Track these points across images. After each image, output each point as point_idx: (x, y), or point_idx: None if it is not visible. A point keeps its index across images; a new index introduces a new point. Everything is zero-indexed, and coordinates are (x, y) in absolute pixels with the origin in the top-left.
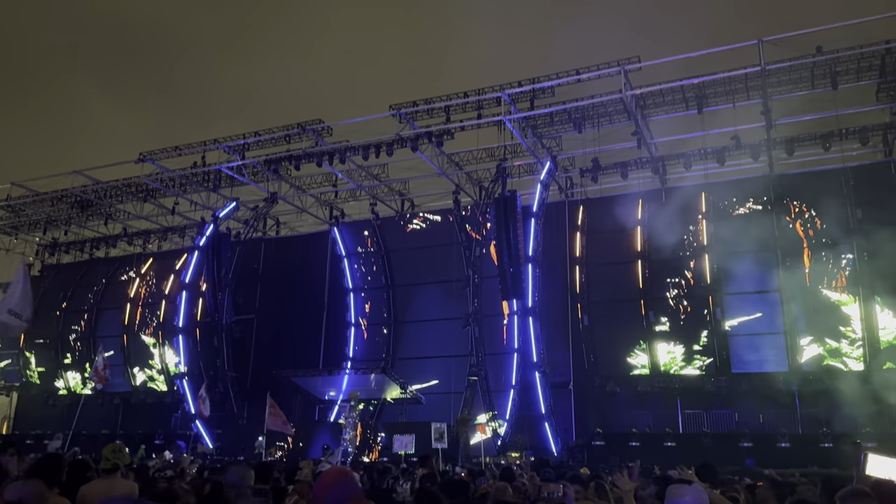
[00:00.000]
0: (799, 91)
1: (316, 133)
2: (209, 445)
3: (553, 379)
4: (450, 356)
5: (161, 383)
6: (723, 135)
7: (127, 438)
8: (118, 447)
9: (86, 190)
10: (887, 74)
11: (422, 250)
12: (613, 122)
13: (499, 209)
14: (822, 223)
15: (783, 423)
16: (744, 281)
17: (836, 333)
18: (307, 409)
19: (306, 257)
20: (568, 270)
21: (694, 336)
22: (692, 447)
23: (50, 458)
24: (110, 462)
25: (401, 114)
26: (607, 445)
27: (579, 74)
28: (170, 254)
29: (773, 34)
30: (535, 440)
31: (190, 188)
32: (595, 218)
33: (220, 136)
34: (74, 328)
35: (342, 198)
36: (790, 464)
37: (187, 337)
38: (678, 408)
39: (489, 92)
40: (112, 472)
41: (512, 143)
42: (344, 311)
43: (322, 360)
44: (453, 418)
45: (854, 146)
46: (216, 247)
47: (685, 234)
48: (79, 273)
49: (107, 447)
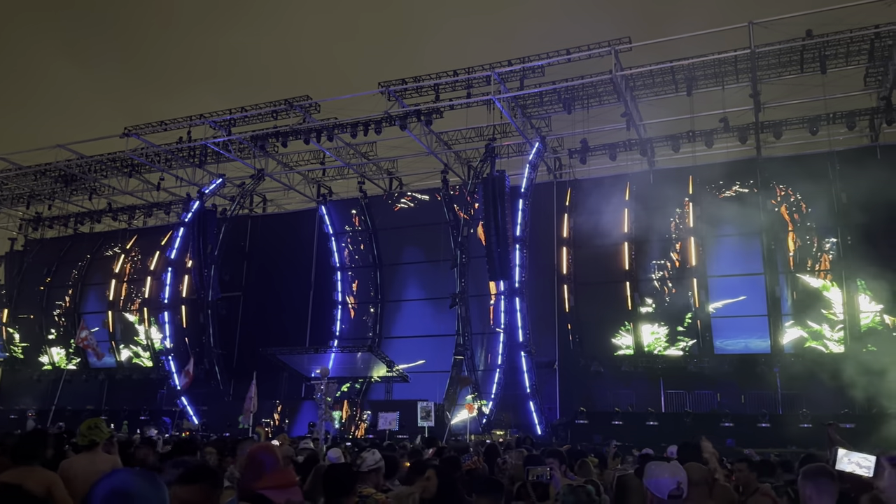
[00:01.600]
0: (788, 75)
1: (304, 109)
2: (195, 422)
3: (538, 359)
4: (436, 336)
5: (146, 359)
6: (711, 117)
7: (112, 414)
8: (94, 422)
9: (70, 164)
10: (875, 59)
11: (409, 229)
12: (603, 104)
13: (487, 189)
14: (807, 207)
15: (764, 404)
16: (728, 263)
17: (818, 316)
18: (293, 387)
19: (293, 235)
20: (555, 251)
21: (678, 317)
22: (674, 426)
23: (34, 434)
24: (87, 438)
25: (389, 91)
26: (590, 424)
27: (570, 54)
28: (155, 230)
29: (763, 17)
30: (519, 419)
31: (176, 164)
32: (583, 199)
33: (203, 111)
34: (58, 304)
35: (330, 175)
36: (770, 444)
37: (173, 313)
38: (661, 388)
39: (479, 71)
40: (90, 447)
41: (501, 123)
42: (331, 290)
43: (309, 339)
44: (440, 397)
45: (841, 131)
46: (202, 223)
47: (672, 217)
48: (63, 248)
49: (83, 423)
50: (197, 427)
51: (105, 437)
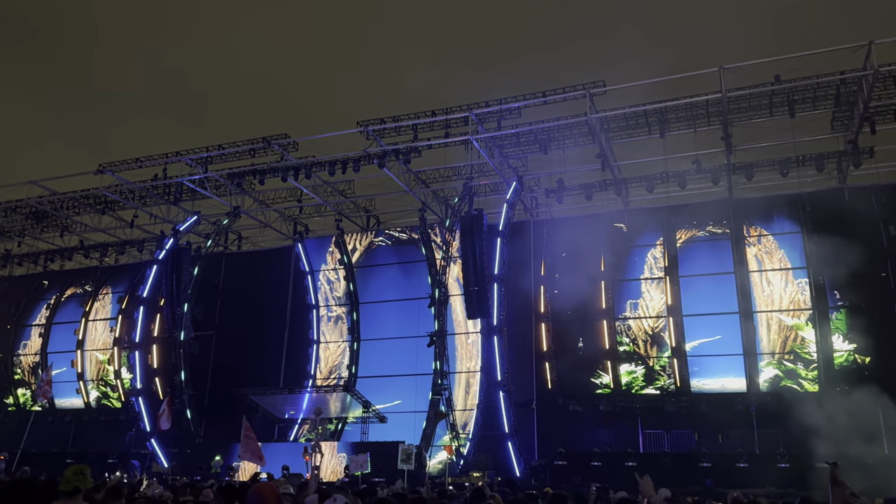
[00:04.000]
0: (758, 118)
1: (281, 147)
2: (164, 465)
3: (516, 398)
4: (413, 375)
5: (115, 400)
6: (684, 159)
7: (79, 457)
8: (81, 469)
9: (42, 201)
10: (841, 104)
11: (387, 267)
12: (578, 145)
13: (465, 227)
14: (779, 247)
15: (741, 443)
16: (703, 303)
17: (792, 355)
18: (266, 428)
19: (269, 273)
20: (533, 290)
21: (655, 356)
22: (653, 467)
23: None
24: (71, 484)
25: (368, 130)
26: (570, 465)
27: (546, 97)
28: (127, 267)
29: (733, 62)
30: (498, 460)
31: (150, 201)
32: (560, 238)
33: (179, 148)
34: (25, 343)
35: (307, 213)
36: (749, 484)
37: (144, 353)
38: (639, 427)
39: (457, 111)
40: (72, 494)
41: (479, 163)
42: (306, 328)
43: (283, 378)
44: (418, 438)
45: (810, 173)
46: (176, 261)
47: (647, 256)
48: (32, 286)
49: (69, 469)
50: (167, 470)
51: (88, 485)
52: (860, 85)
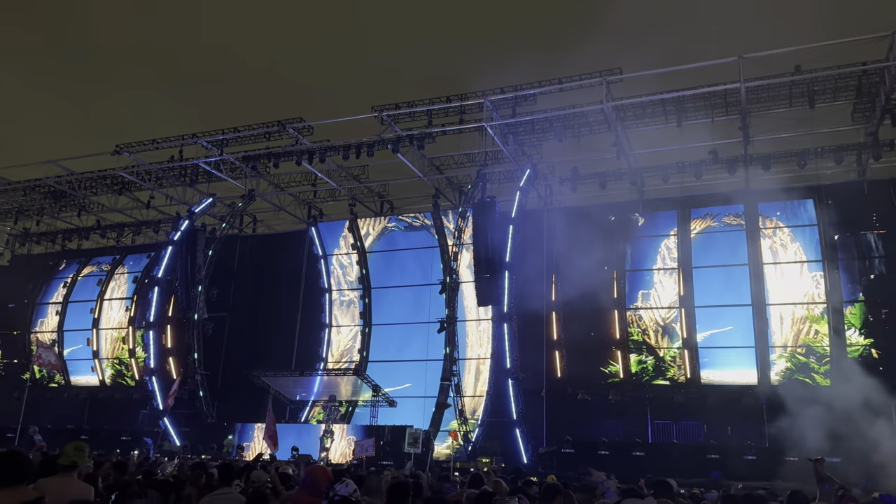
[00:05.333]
0: (776, 108)
1: (297, 131)
2: (176, 443)
3: (525, 386)
4: (424, 360)
5: (129, 379)
6: (701, 148)
7: (92, 434)
8: (81, 445)
9: (60, 180)
10: (863, 96)
11: (399, 253)
12: (594, 132)
13: (477, 214)
14: (794, 239)
15: (750, 435)
16: (716, 294)
17: (805, 349)
18: (277, 410)
19: (282, 256)
20: (544, 278)
21: (665, 347)
22: (660, 457)
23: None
24: (69, 459)
25: (382, 115)
26: (577, 453)
27: (561, 84)
28: (143, 248)
29: (752, 52)
30: (506, 447)
31: (166, 182)
32: (573, 227)
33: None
34: (42, 320)
35: (321, 197)
36: (756, 477)
37: (158, 333)
38: (648, 418)
39: (472, 98)
40: (70, 469)
41: (493, 150)
42: (319, 312)
43: (295, 361)
44: (427, 422)
45: (829, 165)
46: (191, 242)
47: (660, 246)
48: (50, 264)
49: (69, 444)
50: (179, 448)
51: (85, 462)
52: (882, 76)
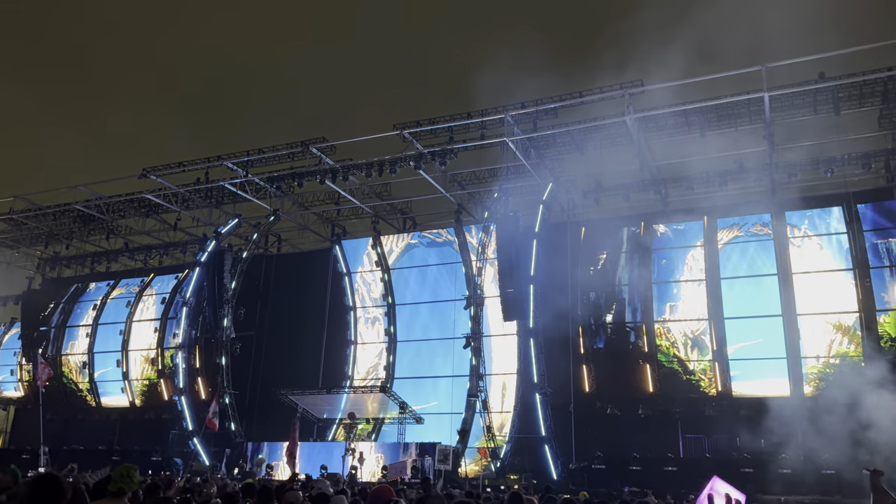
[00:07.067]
0: (801, 116)
1: (319, 151)
2: (206, 463)
3: (553, 401)
4: (450, 376)
5: (159, 400)
6: (725, 158)
7: (123, 455)
8: (127, 471)
9: (88, 205)
10: (889, 101)
11: (423, 269)
12: (616, 144)
13: (501, 229)
14: (823, 247)
15: (785, 448)
16: (745, 305)
17: (837, 359)
18: (305, 428)
19: (308, 274)
20: (569, 291)
21: (695, 360)
22: (693, 472)
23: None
24: (116, 485)
25: (404, 133)
26: (608, 469)
27: (582, 97)
28: (171, 269)
29: (776, 60)
30: (534, 463)
31: (192, 204)
32: (596, 239)
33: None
34: (72, 343)
35: (344, 215)
36: (792, 490)
37: (187, 354)
38: (679, 432)
39: (492, 113)
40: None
41: (515, 164)
42: (344, 329)
43: (322, 379)
44: (454, 439)
45: (856, 171)
46: (217, 263)
47: (687, 257)
48: (79, 287)
49: (117, 469)
50: (208, 468)
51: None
52: None
